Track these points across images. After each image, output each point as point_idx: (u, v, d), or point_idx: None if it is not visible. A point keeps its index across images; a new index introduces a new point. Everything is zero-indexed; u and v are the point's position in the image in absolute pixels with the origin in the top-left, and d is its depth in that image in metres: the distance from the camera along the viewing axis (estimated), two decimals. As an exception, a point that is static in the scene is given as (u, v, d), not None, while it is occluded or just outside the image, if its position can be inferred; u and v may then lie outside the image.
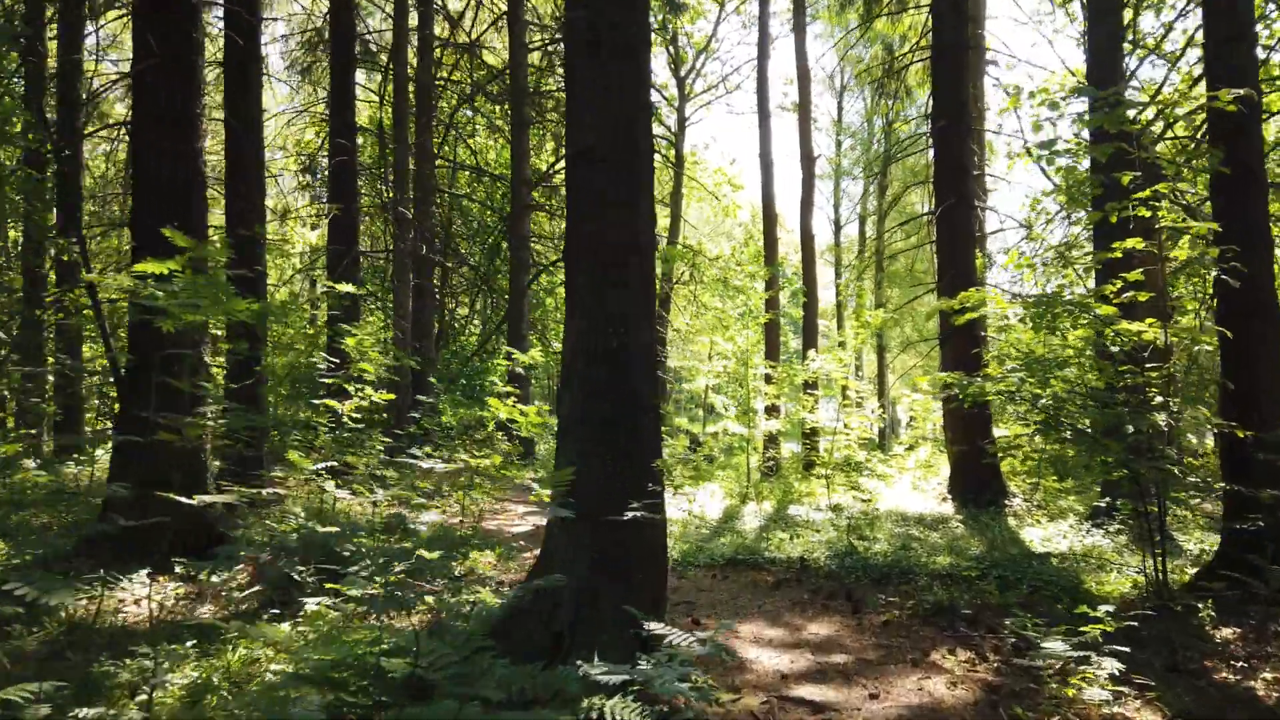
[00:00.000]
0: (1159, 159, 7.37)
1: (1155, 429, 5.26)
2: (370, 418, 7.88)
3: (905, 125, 19.80)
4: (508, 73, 17.41)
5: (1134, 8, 11.43)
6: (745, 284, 14.81)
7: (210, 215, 7.67)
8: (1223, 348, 5.84)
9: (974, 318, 6.48)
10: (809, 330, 16.29)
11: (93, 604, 4.66)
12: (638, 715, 2.54)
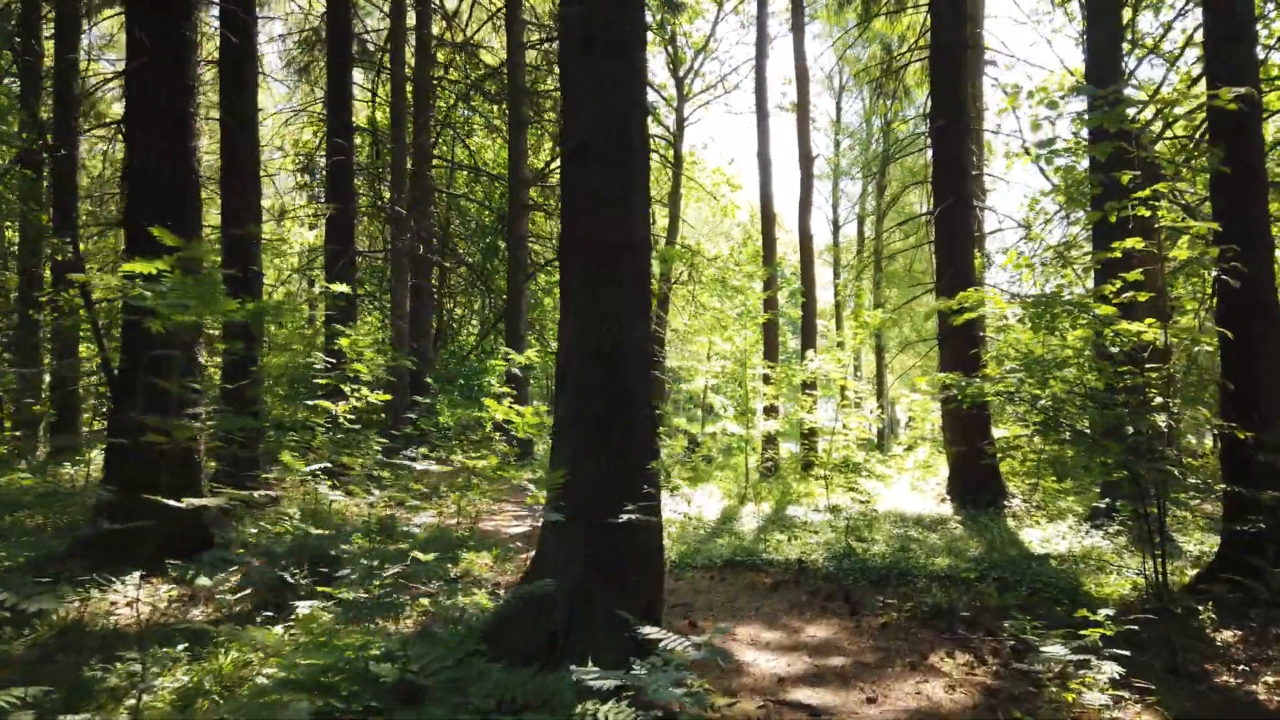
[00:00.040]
0: (1158, 158, 7.34)
1: (1155, 430, 5.23)
2: (367, 418, 7.83)
3: (904, 125, 19.75)
4: (505, 72, 17.38)
5: (1133, 7, 11.40)
6: (743, 284, 14.78)
7: (206, 214, 7.63)
8: (1223, 348, 5.81)
9: (973, 318, 6.45)
10: (807, 330, 16.25)
11: (85, 606, 4.62)
12: (631, 722, 2.50)
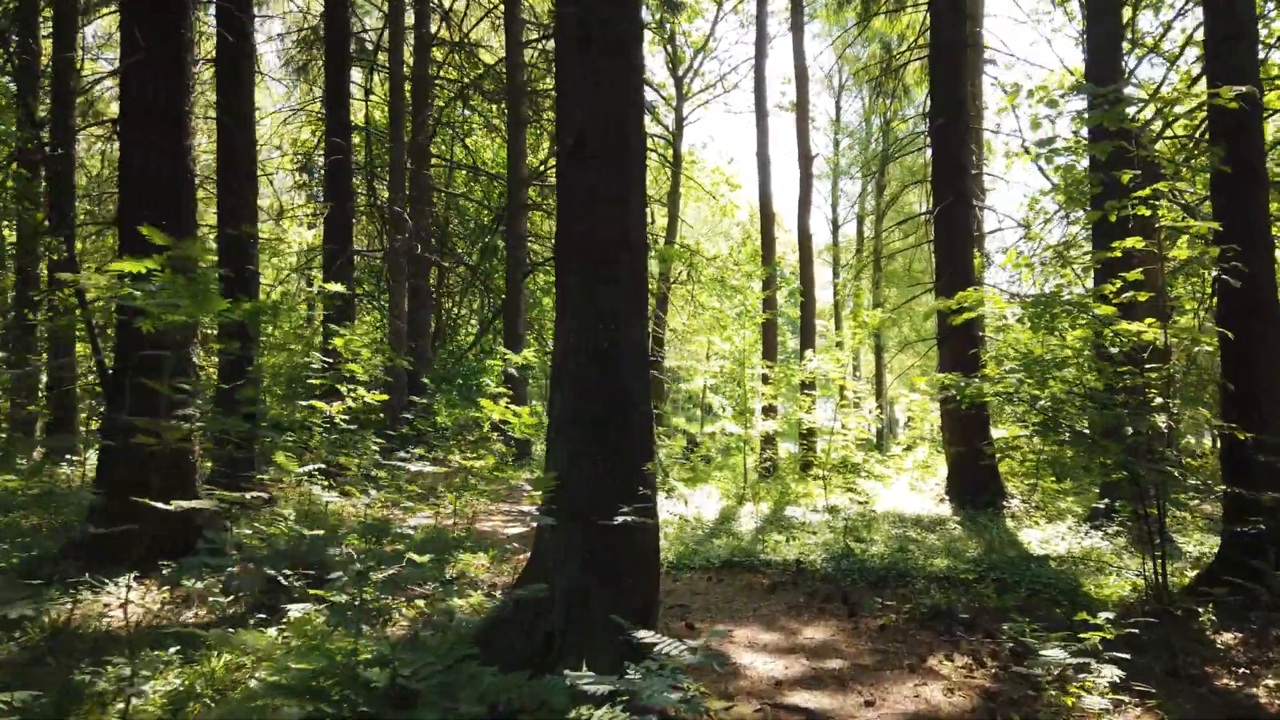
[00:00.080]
0: (1158, 157, 7.30)
1: (1154, 430, 5.20)
2: (364, 418, 7.79)
3: (903, 124, 19.72)
4: (503, 71, 17.34)
5: (1133, 6, 11.37)
6: (742, 284, 14.77)
7: (203, 214, 7.59)
8: (1223, 348, 5.78)
9: (972, 318, 6.42)
10: (806, 330, 16.22)
11: (77, 608, 4.59)
12: (625, 727, 2.47)
